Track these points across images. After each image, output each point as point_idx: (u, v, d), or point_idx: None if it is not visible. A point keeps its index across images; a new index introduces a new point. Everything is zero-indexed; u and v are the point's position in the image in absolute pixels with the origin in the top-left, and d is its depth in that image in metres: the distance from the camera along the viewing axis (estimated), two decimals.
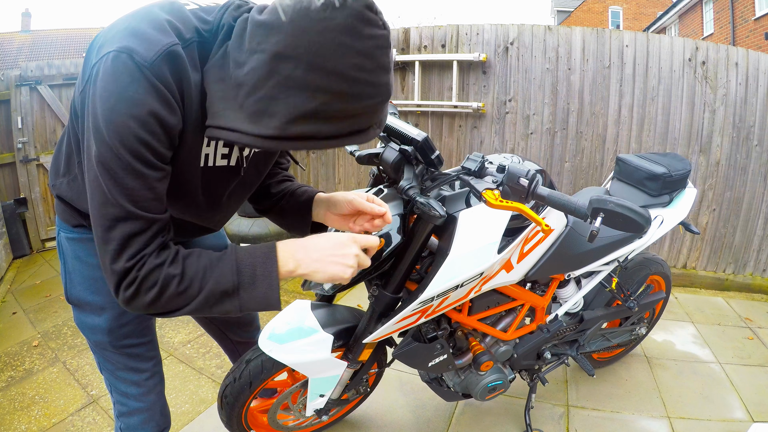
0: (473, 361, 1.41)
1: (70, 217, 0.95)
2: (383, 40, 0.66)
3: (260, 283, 0.77)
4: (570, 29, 2.98)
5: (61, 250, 0.99)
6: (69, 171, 0.88)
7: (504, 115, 3.20)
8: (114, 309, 0.99)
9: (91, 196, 0.70)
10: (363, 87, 0.66)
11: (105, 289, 0.96)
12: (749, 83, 2.74)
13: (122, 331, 1.01)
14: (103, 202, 0.68)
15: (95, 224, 0.70)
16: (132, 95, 0.65)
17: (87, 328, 1.01)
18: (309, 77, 0.63)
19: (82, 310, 0.99)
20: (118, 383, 1.06)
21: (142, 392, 1.07)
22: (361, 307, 2.45)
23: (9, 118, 3.67)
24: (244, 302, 0.76)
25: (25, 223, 3.80)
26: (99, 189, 0.68)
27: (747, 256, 3.00)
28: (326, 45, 0.61)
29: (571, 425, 1.79)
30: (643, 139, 2.97)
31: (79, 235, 0.96)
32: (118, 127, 0.65)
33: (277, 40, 0.63)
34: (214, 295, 0.74)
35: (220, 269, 0.76)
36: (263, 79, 0.64)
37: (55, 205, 0.99)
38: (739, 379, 2.07)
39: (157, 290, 0.71)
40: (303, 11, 0.61)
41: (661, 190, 1.66)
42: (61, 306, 2.83)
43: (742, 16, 11.76)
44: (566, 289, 1.60)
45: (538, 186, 0.90)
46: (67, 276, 0.99)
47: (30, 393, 2.00)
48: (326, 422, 1.68)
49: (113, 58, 0.65)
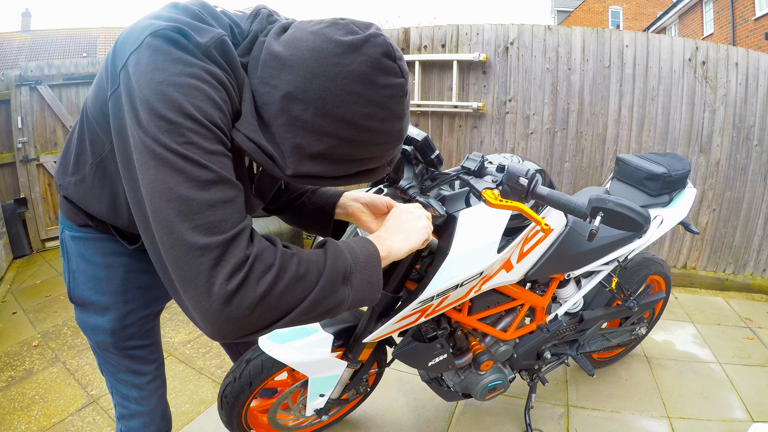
0: (473, 361, 1.41)
1: (75, 216, 0.93)
2: (399, 89, 0.64)
3: (367, 267, 0.70)
4: (570, 29, 2.98)
5: (65, 248, 0.97)
6: (77, 171, 0.85)
7: (504, 115, 3.20)
8: (118, 310, 0.98)
9: (155, 194, 0.56)
10: (372, 135, 0.65)
11: (109, 288, 0.96)
12: (749, 83, 2.74)
13: (125, 333, 1.00)
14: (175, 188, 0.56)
15: (171, 245, 0.56)
16: (192, 72, 0.58)
17: (89, 329, 0.99)
18: (317, 121, 0.62)
19: (85, 309, 0.98)
20: (119, 385, 1.05)
21: (143, 395, 1.06)
22: None
23: (9, 118, 3.68)
24: (356, 289, 0.68)
25: (25, 223, 3.80)
26: (163, 182, 0.56)
27: (747, 256, 3.00)
28: (336, 92, 0.60)
29: (571, 425, 1.79)
30: (643, 139, 2.97)
31: (85, 235, 0.94)
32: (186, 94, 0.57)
33: (289, 79, 0.61)
34: (333, 280, 0.64)
35: (333, 251, 0.67)
36: (274, 116, 0.63)
37: (59, 203, 0.97)
38: (739, 379, 2.07)
39: (274, 274, 0.58)
40: (317, 52, 0.60)
41: (660, 190, 1.66)
42: (61, 306, 2.83)
43: (742, 16, 11.77)
44: (566, 288, 1.60)
45: (537, 185, 0.90)
46: (70, 275, 0.97)
47: (30, 393, 2.00)
48: (326, 422, 1.68)
49: (163, 36, 0.59)
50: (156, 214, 0.56)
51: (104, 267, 0.95)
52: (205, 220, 0.55)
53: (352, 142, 0.64)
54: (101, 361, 1.04)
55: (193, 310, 0.56)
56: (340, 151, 0.65)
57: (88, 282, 0.95)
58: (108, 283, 0.95)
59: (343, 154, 0.65)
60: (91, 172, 0.81)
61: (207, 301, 0.55)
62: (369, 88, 0.61)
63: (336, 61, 0.59)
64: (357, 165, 0.68)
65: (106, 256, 0.94)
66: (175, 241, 0.55)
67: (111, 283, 0.96)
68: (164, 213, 0.55)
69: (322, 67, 0.60)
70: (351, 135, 0.63)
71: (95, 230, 0.93)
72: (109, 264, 0.95)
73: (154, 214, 0.56)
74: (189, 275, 0.55)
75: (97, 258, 0.94)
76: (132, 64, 0.58)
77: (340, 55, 0.59)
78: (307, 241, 3.82)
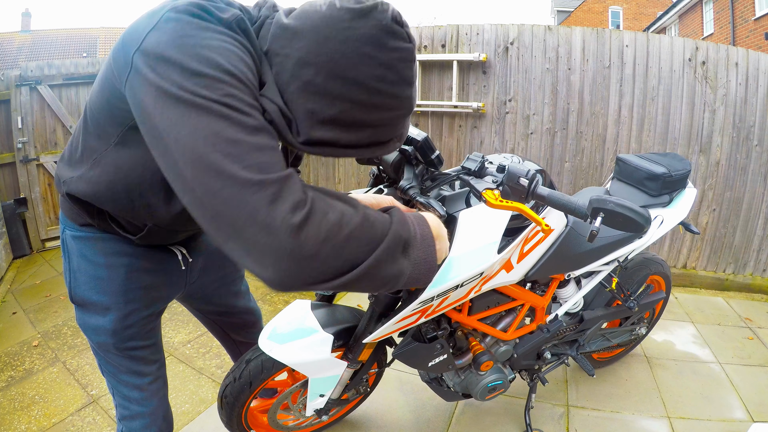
0: (473, 361, 1.41)
1: (77, 216, 0.93)
2: (408, 54, 0.65)
3: (423, 244, 0.68)
4: (570, 29, 2.98)
5: (66, 248, 0.97)
6: (82, 165, 0.83)
7: (504, 115, 3.20)
8: (119, 310, 0.97)
9: (198, 142, 0.54)
10: (384, 98, 0.65)
11: (110, 289, 0.95)
12: (749, 83, 2.74)
13: (127, 333, 0.99)
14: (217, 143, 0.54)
15: (221, 186, 0.53)
16: (222, 38, 0.60)
17: (90, 329, 0.99)
18: (329, 85, 0.62)
19: (86, 310, 0.97)
20: (121, 386, 1.04)
21: (144, 396, 1.06)
22: (361, 307, 2.45)
23: (9, 118, 3.67)
24: (413, 264, 0.65)
25: (25, 223, 3.80)
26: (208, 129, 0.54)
27: (747, 256, 3.00)
28: (348, 54, 0.61)
29: (571, 425, 1.79)
30: (643, 139, 2.97)
31: (86, 234, 0.94)
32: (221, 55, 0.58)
33: (300, 46, 0.63)
34: (396, 244, 0.62)
35: (398, 217, 0.65)
36: (287, 83, 0.64)
37: (60, 202, 0.97)
38: (739, 379, 2.07)
39: (337, 217, 0.56)
40: (328, 18, 0.62)
41: (661, 190, 1.66)
42: (61, 306, 2.83)
43: (742, 16, 11.76)
44: (566, 289, 1.60)
45: (538, 186, 0.90)
46: (71, 275, 0.97)
47: (30, 393, 2.00)
48: (326, 422, 1.68)
49: (184, 10, 0.59)
50: (200, 162, 0.53)
51: (106, 267, 0.95)
52: (255, 161, 0.54)
53: (364, 106, 0.65)
54: (102, 362, 1.04)
55: (252, 251, 0.53)
56: (352, 116, 0.65)
57: (90, 282, 0.95)
58: (109, 283, 0.95)
59: (355, 118, 0.65)
60: (98, 164, 0.81)
61: (269, 236, 0.51)
62: (379, 51, 0.62)
63: (347, 25, 0.61)
64: (369, 133, 0.68)
65: (107, 256, 0.94)
66: (225, 182, 0.52)
67: (112, 283, 0.95)
68: (211, 157, 0.52)
69: (333, 32, 0.61)
70: (362, 98, 0.64)
71: (96, 229, 0.93)
72: (111, 264, 0.95)
73: (198, 163, 0.53)
74: (245, 213, 0.51)
75: (99, 258, 0.94)
76: (152, 41, 0.58)
77: (351, 20, 0.61)
78: None
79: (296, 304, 1.31)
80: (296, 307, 1.30)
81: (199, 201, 0.54)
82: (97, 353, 1.03)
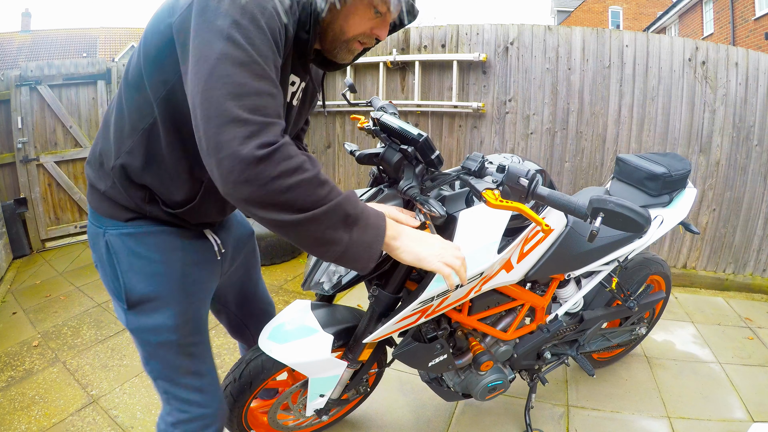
0: (473, 361, 1.41)
1: (120, 212, 0.91)
2: None
3: (371, 230, 0.78)
4: (570, 29, 2.98)
5: (110, 250, 0.93)
6: (122, 146, 0.87)
7: (504, 115, 3.20)
8: (179, 304, 0.95)
9: (213, 76, 0.67)
10: None
11: (169, 284, 0.94)
12: (749, 83, 2.74)
13: (188, 328, 0.98)
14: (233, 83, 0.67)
15: (217, 115, 0.67)
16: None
17: (149, 331, 0.95)
18: None
19: (144, 310, 0.94)
20: (179, 390, 1.01)
21: (205, 398, 1.04)
22: (361, 307, 2.45)
23: (9, 118, 3.68)
24: (353, 241, 0.76)
25: (25, 223, 3.80)
26: (222, 81, 0.67)
27: (747, 256, 3.00)
28: None
29: (571, 425, 1.79)
30: (643, 139, 2.97)
31: (135, 230, 0.92)
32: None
33: None
34: (338, 212, 0.74)
35: (350, 194, 0.77)
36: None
37: (95, 204, 0.94)
38: (739, 379, 2.07)
39: (293, 165, 0.69)
40: None
41: (661, 190, 1.66)
42: (61, 306, 2.83)
43: (742, 16, 11.76)
44: (566, 289, 1.60)
45: (538, 186, 0.90)
46: (122, 276, 0.93)
47: (30, 393, 2.00)
48: (326, 422, 1.68)
49: None
50: (209, 92, 0.67)
51: (161, 263, 0.93)
52: (251, 102, 0.67)
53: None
54: (158, 367, 0.99)
55: (218, 168, 0.67)
56: None
57: (146, 279, 0.93)
58: (167, 279, 0.94)
59: None
60: (145, 136, 0.85)
61: (233, 159, 0.66)
62: None
63: None
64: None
65: (162, 251, 0.93)
66: (222, 113, 0.66)
67: (170, 278, 0.94)
68: (217, 92, 0.66)
69: None
70: None
71: (144, 222, 0.92)
72: (166, 259, 0.94)
73: (207, 92, 0.67)
74: (225, 139, 0.66)
75: (153, 254, 0.93)
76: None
77: None
78: None
79: (296, 304, 1.31)
80: (296, 307, 1.30)
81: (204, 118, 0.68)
82: (155, 357, 0.98)
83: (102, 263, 0.95)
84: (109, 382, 2.07)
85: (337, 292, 1.27)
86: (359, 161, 1.14)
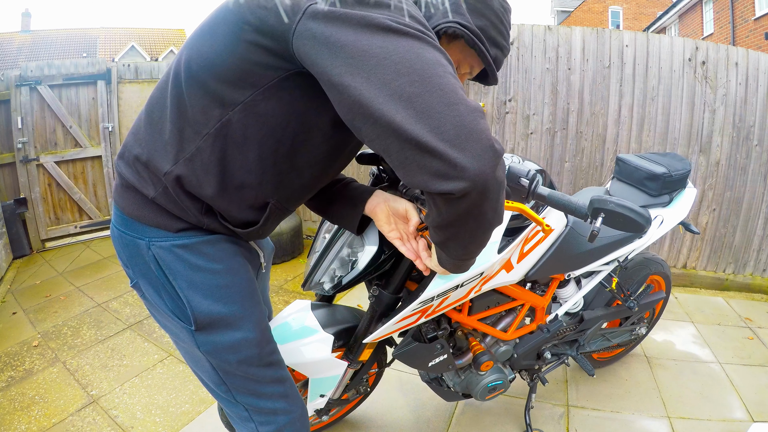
0: (473, 361, 1.41)
1: (171, 221, 0.79)
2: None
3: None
4: (570, 29, 2.98)
5: (163, 265, 0.80)
6: (183, 150, 0.74)
7: (504, 115, 3.20)
8: (254, 315, 0.86)
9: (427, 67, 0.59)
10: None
11: (238, 295, 0.84)
12: (749, 83, 2.74)
13: (265, 337, 0.89)
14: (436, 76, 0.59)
15: (457, 102, 0.58)
16: None
17: (227, 349, 0.84)
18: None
19: (216, 328, 0.83)
20: (263, 401, 0.93)
21: (289, 404, 0.96)
22: (361, 307, 2.45)
23: (9, 118, 3.67)
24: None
25: (25, 223, 3.80)
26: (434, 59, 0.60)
27: (747, 256, 3.00)
28: None
29: (571, 425, 1.79)
30: (643, 139, 2.97)
31: (189, 241, 0.79)
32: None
33: None
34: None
35: None
36: None
37: (136, 209, 0.79)
38: (739, 379, 2.07)
39: (505, 169, 0.65)
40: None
41: (661, 190, 1.66)
42: (61, 306, 2.83)
43: (742, 16, 11.76)
44: (566, 289, 1.60)
45: (538, 186, 0.90)
46: (183, 295, 0.81)
47: (30, 393, 2.00)
48: (326, 422, 1.68)
49: None
50: (432, 80, 0.58)
51: (226, 273, 0.83)
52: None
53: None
54: (239, 384, 0.90)
55: (472, 159, 0.57)
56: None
57: (213, 294, 0.82)
58: (234, 290, 0.84)
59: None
60: (209, 142, 0.72)
61: (490, 152, 0.58)
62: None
63: None
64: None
65: (222, 260, 0.83)
66: (460, 100, 0.58)
67: (237, 288, 0.85)
68: (443, 79, 0.58)
69: None
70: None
71: (199, 231, 0.80)
72: (229, 268, 0.84)
73: (429, 82, 0.58)
74: (476, 130, 0.58)
75: (215, 264, 0.82)
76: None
77: None
78: (307, 241, 3.82)
79: (296, 304, 1.31)
80: (296, 307, 1.30)
81: (424, 113, 0.58)
82: (234, 376, 0.88)
83: (150, 280, 0.82)
84: (109, 382, 2.07)
85: (337, 292, 1.27)
86: (359, 161, 1.15)
